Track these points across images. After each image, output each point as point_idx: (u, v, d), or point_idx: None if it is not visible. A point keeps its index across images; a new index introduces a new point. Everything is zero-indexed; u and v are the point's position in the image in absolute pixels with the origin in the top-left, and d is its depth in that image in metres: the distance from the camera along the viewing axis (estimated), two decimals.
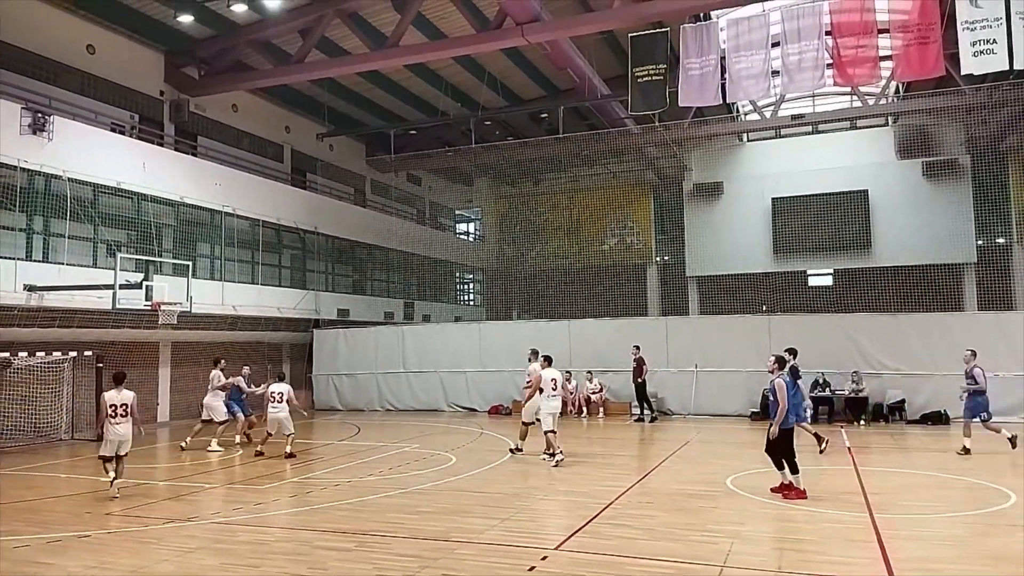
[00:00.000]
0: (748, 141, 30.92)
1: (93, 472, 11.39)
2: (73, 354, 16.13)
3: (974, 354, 12.63)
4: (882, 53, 19.58)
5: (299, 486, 10.60)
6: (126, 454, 9.90)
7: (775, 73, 20.55)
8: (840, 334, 18.17)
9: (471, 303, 35.78)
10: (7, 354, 14.94)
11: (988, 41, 17.41)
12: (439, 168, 31.30)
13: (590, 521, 8.10)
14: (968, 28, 17.41)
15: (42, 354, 15.65)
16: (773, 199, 28.92)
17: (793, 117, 26.53)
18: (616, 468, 12.27)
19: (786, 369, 9.50)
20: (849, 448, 13.47)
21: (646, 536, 7.50)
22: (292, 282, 23.93)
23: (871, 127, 29.26)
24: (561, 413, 12.63)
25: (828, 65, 19.90)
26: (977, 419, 12.43)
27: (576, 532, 7.64)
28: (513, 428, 17.73)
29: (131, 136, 19.32)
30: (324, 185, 27.23)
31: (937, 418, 16.82)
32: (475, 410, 21.15)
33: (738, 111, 29.16)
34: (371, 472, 11.54)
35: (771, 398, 9.11)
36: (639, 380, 18.07)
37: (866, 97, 26.40)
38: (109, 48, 19.47)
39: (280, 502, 9.51)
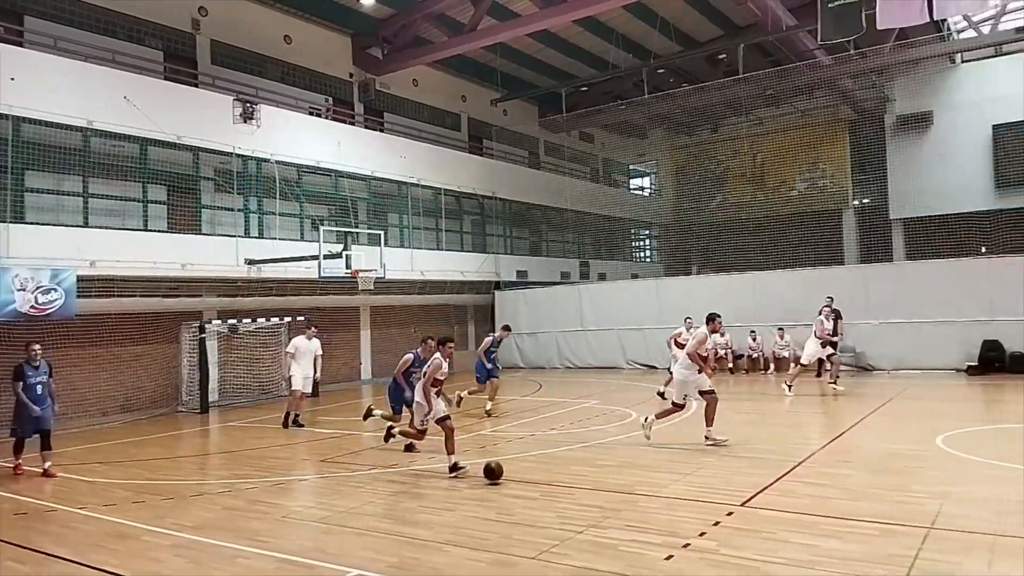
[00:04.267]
0: (963, 63, 27.22)
1: (308, 423, 12.78)
2: (288, 319, 18.04)
3: None
4: None
5: (486, 438, 11.16)
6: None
7: None
8: None
9: (648, 259, 35.19)
10: (234, 321, 17.06)
11: None
12: (611, 124, 30.78)
13: (780, 478, 7.77)
14: None
15: (262, 320, 17.70)
16: (994, 126, 25.37)
17: (1018, 31, 22.96)
18: (810, 426, 11.63)
19: None
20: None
21: (843, 495, 7.06)
22: (473, 246, 24.93)
23: None
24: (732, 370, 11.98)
25: None
26: None
27: (765, 489, 7.38)
28: None
29: (326, 118, 20.97)
30: (499, 150, 27.88)
31: None
32: (654, 367, 20.93)
33: (949, 29, 25.69)
34: (553, 427, 11.86)
35: None
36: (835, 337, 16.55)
37: None
38: (303, 37, 21.17)
39: (469, 453, 10.07)
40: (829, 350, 14.71)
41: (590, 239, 30.76)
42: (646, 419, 10.05)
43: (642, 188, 37.06)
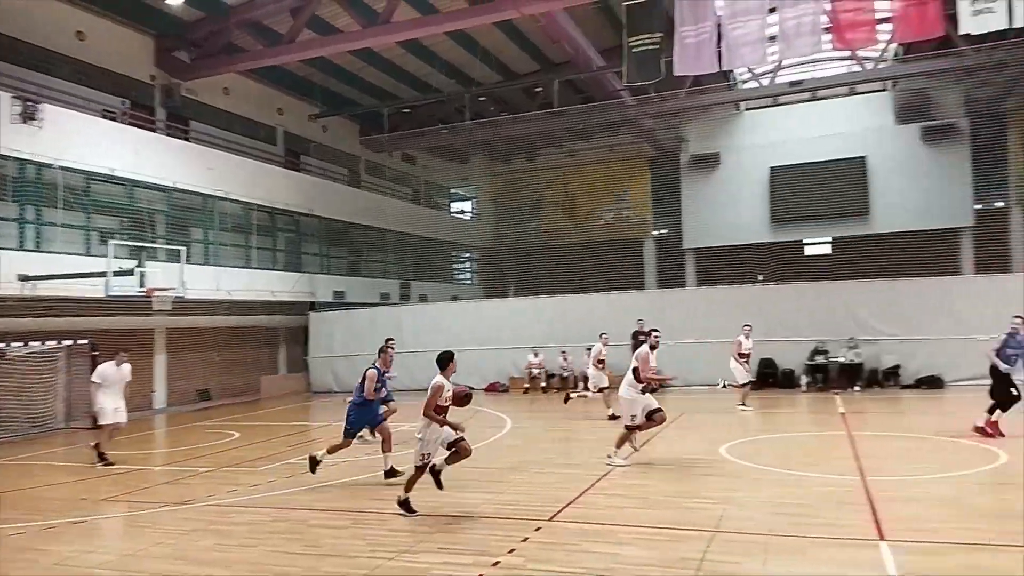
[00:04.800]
0: (746, 110, 30.64)
1: (88, 460, 11.45)
2: (68, 343, 16.14)
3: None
4: (880, 15, 19.33)
5: (294, 467, 10.64)
6: None
7: (772, 39, 20.31)
8: (837, 302, 18.14)
9: (468, 282, 35.75)
10: (1, 344, 14.96)
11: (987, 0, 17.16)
12: (433, 146, 31.06)
13: (584, 492, 8.12)
14: None
15: (36, 344, 15.64)
16: (771, 168, 28.73)
17: (791, 84, 26.25)
18: (613, 441, 12.29)
19: None
20: (843, 414, 13.48)
21: (640, 504, 7.53)
22: (287, 265, 23.89)
23: (869, 92, 28.92)
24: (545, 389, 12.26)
25: (826, 29, 19.65)
26: None
27: (570, 503, 7.67)
28: (509, 404, 17.83)
29: (122, 122, 19.17)
30: (318, 167, 27.08)
31: (932, 382, 16.83)
32: (472, 388, 21.14)
33: (735, 79, 28.85)
34: (367, 452, 11.57)
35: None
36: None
37: (864, 61, 26.09)
38: (99, 34, 19.28)
39: (276, 483, 9.54)
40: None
41: (411, 260, 30.66)
42: (609, 456, 9.56)
43: (463, 212, 37.66)
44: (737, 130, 30.41)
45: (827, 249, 30.06)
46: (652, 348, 9.60)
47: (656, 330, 10.05)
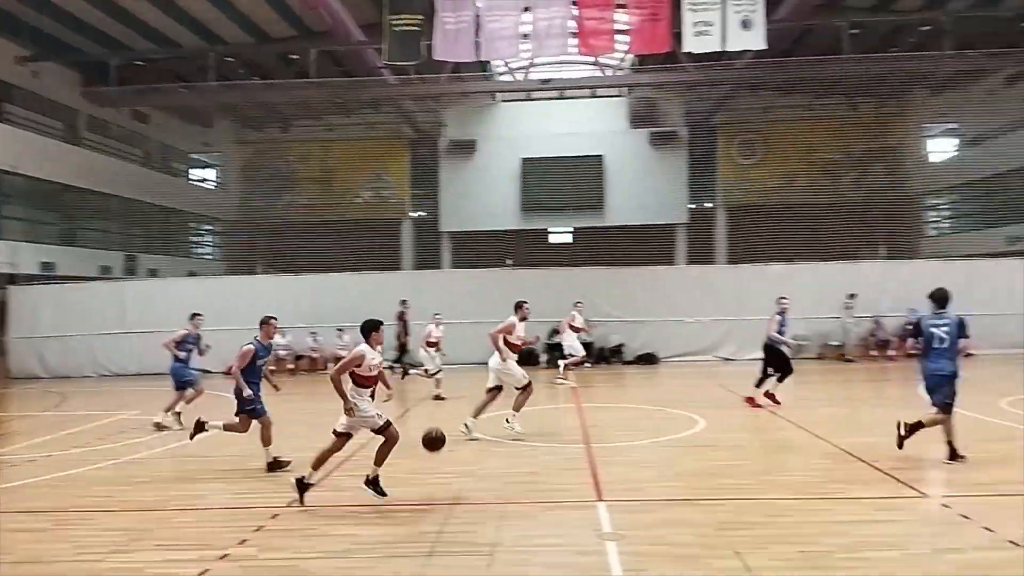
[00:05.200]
0: (502, 102, 31.92)
1: None
2: None
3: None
4: (620, 27, 21.19)
5: None
6: None
7: (526, 37, 21.33)
8: (575, 286, 19.62)
9: (208, 256, 33.12)
10: None
11: (707, 23, 19.60)
12: (171, 105, 28.14)
13: (329, 475, 7.89)
14: (691, 9, 19.45)
15: None
16: (523, 159, 30.28)
17: (542, 81, 27.82)
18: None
19: None
20: (574, 388, 14.68)
21: (383, 483, 7.49)
22: None
23: (609, 97, 31.69)
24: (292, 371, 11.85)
25: (573, 34, 21.11)
26: None
27: (311, 488, 7.40)
28: None
29: None
30: (26, 118, 23.20)
31: (648, 358, 18.99)
32: (209, 371, 19.67)
33: (492, 71, 29.90)
34: (76, 444, 10.22)
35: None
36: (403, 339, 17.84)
37: (605, 68, 28.47)
38: None
39: None
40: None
41: (140, 231, 27.58)
42: (507, 421, 9.72)
43: (205, 180, 34.67)
44: (493, 120, 31.60)
45: (569, 238, 32.57)
46: (522, 319, 10.01)
47: (525, 301, 10.28)
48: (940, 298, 7.76)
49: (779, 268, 19.29)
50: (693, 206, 31.26)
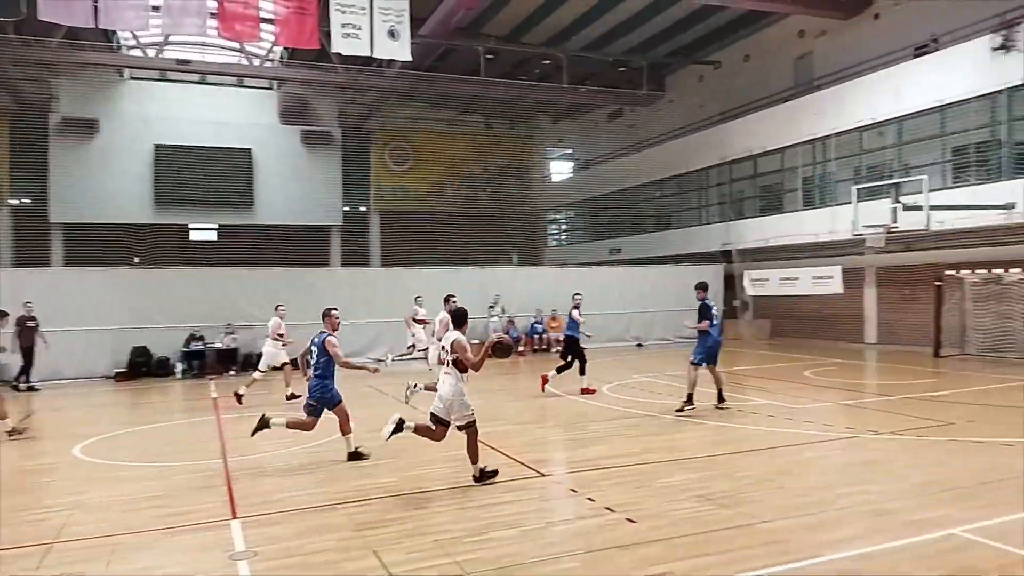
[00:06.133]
0: (131, 79, 28.31)
1: None
2: None
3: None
4: (266, 16, 20.23)
5: None
6: None
7: (156, 9, 19.16)
8: (219, 288, 18.26)
9: None
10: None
11: (355, 26, 19.65)
12: None
13: None
14: (339, 9, 19.36)
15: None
16: (156, 145, 27.28)
17: (179, 61, 25.27)
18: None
19: None
20: (215, 399, 13.62)
21: None
22: None
23: (258, 88, 30.15)
24: None
25: (212, 15, 19.53)
26: None
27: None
28: None
29: None
30: None
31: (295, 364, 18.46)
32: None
33: (119, 43, 26.29)
34: None
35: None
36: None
37: (252, 57, 26.99)
38: None
39: None
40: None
41: None
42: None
43: None
44: (120, 98, 27.97)
45: (213, 236, 30.17)
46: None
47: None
48: (704, 286, 10.82)
49: (429, 271, 20.24)
50: (348, 208, 31.31)
